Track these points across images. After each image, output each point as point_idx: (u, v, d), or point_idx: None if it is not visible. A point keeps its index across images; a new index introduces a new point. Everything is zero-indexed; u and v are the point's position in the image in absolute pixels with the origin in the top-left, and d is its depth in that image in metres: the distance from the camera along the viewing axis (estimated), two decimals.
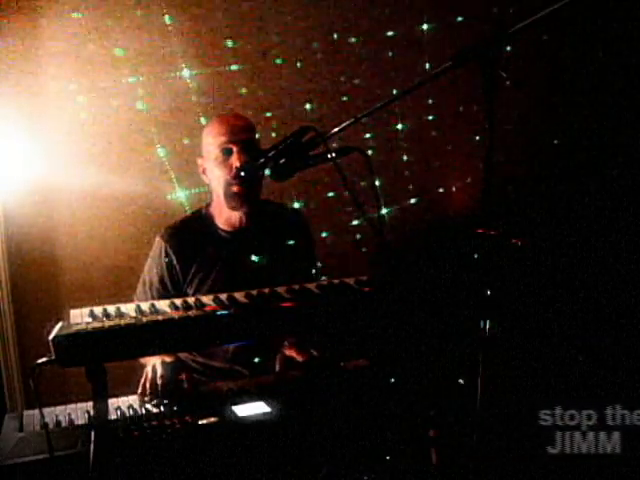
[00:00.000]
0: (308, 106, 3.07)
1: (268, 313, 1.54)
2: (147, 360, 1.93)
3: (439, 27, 3.25)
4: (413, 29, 3.24)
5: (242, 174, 2.04)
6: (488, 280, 1.38)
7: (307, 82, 3.06)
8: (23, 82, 2.62)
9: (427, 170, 3.37)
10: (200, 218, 2.24)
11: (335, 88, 3.13)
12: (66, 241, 2.76)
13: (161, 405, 1.71)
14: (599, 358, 2.82)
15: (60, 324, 1.39)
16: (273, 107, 3.00)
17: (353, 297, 1.65)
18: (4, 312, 2.65)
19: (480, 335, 1.40)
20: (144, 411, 1.68)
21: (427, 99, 3.27)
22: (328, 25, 3.08)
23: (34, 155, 2.63)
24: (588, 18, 3.38)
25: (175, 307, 1.55)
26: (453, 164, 3.37)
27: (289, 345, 2.05)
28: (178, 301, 1.59)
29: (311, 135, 1.67)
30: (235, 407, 1.64)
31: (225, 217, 2.20)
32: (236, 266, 2.15)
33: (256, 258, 2.17)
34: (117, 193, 2.78)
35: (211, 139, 2.13)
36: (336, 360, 1.94)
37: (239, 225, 2.20)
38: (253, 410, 1.63)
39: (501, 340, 1.39)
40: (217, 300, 1.60)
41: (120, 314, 1.48)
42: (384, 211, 3.23)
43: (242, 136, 2.10)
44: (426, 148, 3.35)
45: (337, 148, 1.67)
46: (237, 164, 2.07)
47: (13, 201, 2.63)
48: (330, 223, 3.10)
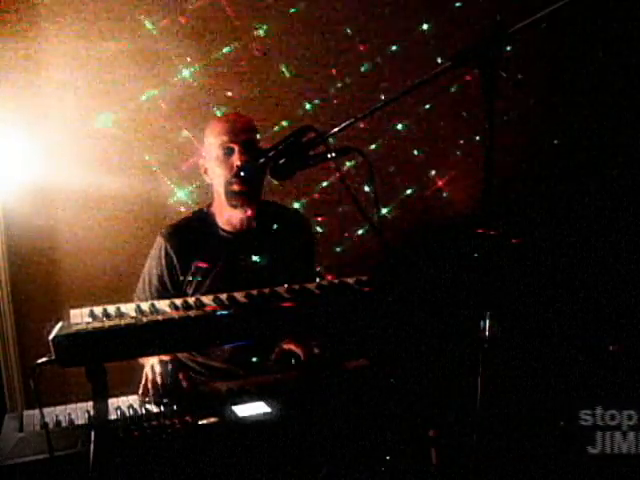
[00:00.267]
0: (308, 106, 3.07)
1: (268, 313, 1.54)
2: (145, 360, 1.93)
3: (439, 27, 3.25)
4: (413, 29, 3.24)
5: (242, 174, 2.05)
6: (488, 280, 1.38)
7: (307, 82, 3.06)
8: (23, 82, 2.62)
9: (427, 170, 3.37)
10: (201, 218, 2.24)
11: (335, 88, 3.13)
12: (66, 241, 2.75)
13: (161, 405, 1.72)
14: (599, 358, 2.82)
15: (60, 324, 1.39)
16: (273, 107, 3.00)
17: (353, 297, 1.65)
18: (4, 312, 2.64)
19: (480, 335, 1.40)
20: (144, 411, 1.68)
21: (427, 99, 3.27)
22: (328, 25, 3.08)
23: (34, 155, 2.63)
24: (588, 18, 3.38)
25: (175, 307, 1.55)
26: (453, 164, 3.37)
27: (288, 339, 2.05)
28: (178, 301, 1.59)
29: (311, 135, 1.67)
30: (235, 407, 1.64)
31: (226, 217, 2.20)
32: (236, 266, 2.15)
33: (256, 258, 2.17)
34: (117, 193, 2.78)
35: (212, 139, 2.14)
36: (338, 358, 1.94)
37: (240, 225, 2.20)
38: (253, 410, 1.63)
39: (501, 340, 1.39)
40: (217, 300, 1.60)
41: (120, 314, 1.48)
42: (384, 211, 3.23)
43: (243, 136, 2.10)
44: (426, 148, 3.35)
45: (337, 148, 1.67)
46: (238, 163, 2.07)
47: (13, 201, 2.63)
48: (330, 223, 3.11)
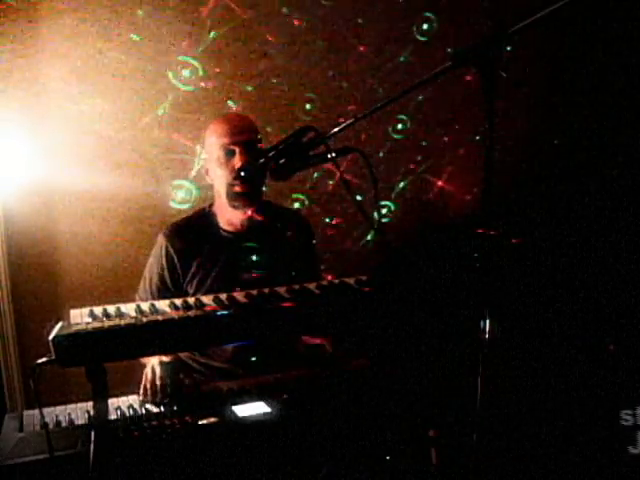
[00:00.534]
0: (308, 106, 3.07)
1: (268, 313, 1.54)
2: (146, 360, 1.93)
3: (439, 27, 3.25)
4: (413, 29, 3.24)
5: (242, 174, 2.04)
6: (488, 280, 1.38)
7: (307, 82, 3.06)
8: (23, 82, 2.61)
9: (427, 169, 3.37)
10: (203, 217, 2.24)
11: (335, 88, 3.13)
12: (66, 241, 2.75)
13: (161, 405, 1.72)
14: (599, 358, 2.82)
15: (60, 324, 1.39)
16: (273, 108, 3.00)
17: (353, 297, 1.65)
18: (4, 312, 2.64)
19: (480, 335, 1.40)
20: (144, 411, 1.68)
21: (427, 99, 3.27)
22: (328, 25, 3.08)
23: (34, 155, 2.63)
24: (588, 18, 3.38)
25: (175, 307, 1.55)
26: (453, 164, 3.37)
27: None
28: (178, 301, 1.59)
29: (311, 135, 1.67)
30: (235, 407, 1.64)
31: (227, 217, 2.20)
32: (237, 266, 2.15)
33: (257, 259, 2.17)
34: (117, 193, 2.77)
35: (214, 140, 2.13)
36: (348, 356, 1.94)
37: (241, 226, 2.20)
38: (253, 410, 1.63)
39: (501, 340, 1.39)
40: (217, 300, 1.60)
41: (120, 314, 1.49)
42: (384, 211, 3.23)
43: (244, 136, 2.10)
44: (426, 148, 3.35)
45: (337, 148, 1.67)
46: (239, 164, 2.07)
47: (13, 201, 2.63)
48: (330, 223, 3.11)
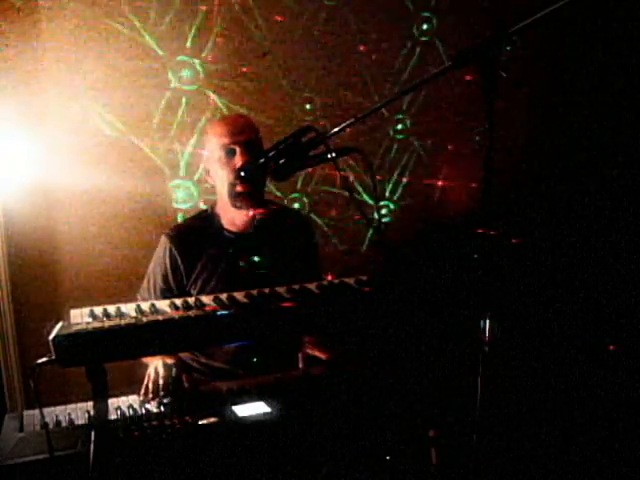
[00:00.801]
0: (308, 106, 3.08)
1: (268, 313, 1.54)
2: (149, 360, 1.93)
3: (439, 27, 3.26)
4: (413, 29, 3.24)
5: (242, 174, 2.04)
6: (488, 280, 1.38)
7: (307, 82, 3.07)
8: (23, 82, 2.61)
9: (427, 170, 3.38)
10: (206, 218, 2.24)
11: (335, 88, 3.13)
12: (66, 241, 2.75)
13: (161, 405, 1.72)
14: (599, 358, 2.83)
15: (60, 324, 1.39)
16: (273, 107, 3.00)
17: (353, 297, 1.65)
18: (4, 312, 2.64)
19: (480, 335, 1.40)
20: (144, 411, 1.68)
21: (427, 99, 3.27)
22: (328, 25, 3.08)
23: (34, 155, 2.62)
24: (588, 18, 3.38)
25: (175, 307, 1.55)
26: (453, 164, 3.37)
27: (310, 344, 2.07)
28: (178, 301, 1.59)
29: (311, 135, 1.67)
30: (235, 407, 1.64)
31: (230, 218, 2.19)
32: (240, 267, 2.15)
33: (260, 259, 2.17)
34: (117, 193, 2.77)
35: (214, 140, 2.13)
36: (359, 358, 1.94)
37: (244, 226, 2.19)
38: (253, 410, 1.63)
39: (501, 340, 1.39)
40: (217, 300, 1.60)
41: (120, 314, 1.48)
42: (384, 211, 3.23)
43: (245, 136, 2.10)
44: (426, 148, 3.35)
45: (337, 148, 1.67)
46: (240, 164, 2.07)
47: (13, 201, 2.63)
48: (330, 223, 3.11)
